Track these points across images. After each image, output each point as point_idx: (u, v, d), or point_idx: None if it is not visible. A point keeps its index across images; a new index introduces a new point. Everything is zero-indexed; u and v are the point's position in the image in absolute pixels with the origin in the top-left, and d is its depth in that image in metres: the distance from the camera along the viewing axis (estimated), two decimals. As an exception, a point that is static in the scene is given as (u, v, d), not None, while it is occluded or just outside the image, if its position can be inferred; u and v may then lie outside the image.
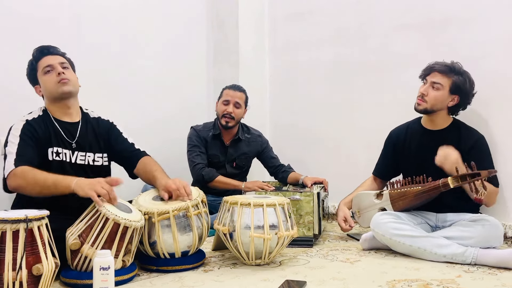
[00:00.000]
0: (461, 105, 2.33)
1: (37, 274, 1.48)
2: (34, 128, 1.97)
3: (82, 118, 2.13)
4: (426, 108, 2.30)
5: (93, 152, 2.11)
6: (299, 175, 2.90)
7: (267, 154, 3.07)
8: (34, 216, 1.50)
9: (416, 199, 2.23)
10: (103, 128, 2.17)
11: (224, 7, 3.55)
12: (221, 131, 2.95)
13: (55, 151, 2.01)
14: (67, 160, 2.03)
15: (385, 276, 1.84)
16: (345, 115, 3.19)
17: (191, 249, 1.96)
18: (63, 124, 2.07)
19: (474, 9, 2.59)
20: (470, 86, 2.30)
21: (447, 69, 2.28)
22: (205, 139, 2.91)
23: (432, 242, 2.07)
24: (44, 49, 2.08)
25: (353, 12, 3.14)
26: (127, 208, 1.85)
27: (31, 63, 2.09)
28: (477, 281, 1.78)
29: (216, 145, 2.94)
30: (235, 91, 2.92)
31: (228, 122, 2.88)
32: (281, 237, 1.96)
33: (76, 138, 2.07)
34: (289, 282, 1.72)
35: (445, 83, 2.27)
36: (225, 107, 2.88)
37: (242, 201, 1.99)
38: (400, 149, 2.47)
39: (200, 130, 2.95)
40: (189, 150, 2.92)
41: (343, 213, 2.52)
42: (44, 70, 2.04)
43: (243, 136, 3.00)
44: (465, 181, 2.05)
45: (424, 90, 2.31)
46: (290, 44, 3.48)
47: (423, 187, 2.20)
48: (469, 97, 2.32)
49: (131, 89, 3.07)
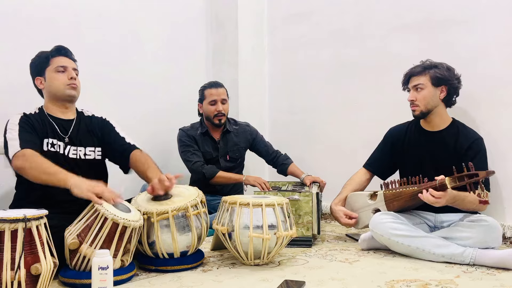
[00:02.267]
0: (453, 92, 2.34)
1: (36, 274, 1.48)
2: (31, 119, 2.05)
3: (76, 116, 2.20)
4: (422, 110, 2.32)
5: (84, 146, 2.16)
6: (300, 171, 2.92)
7: (259, 142, 3.09)
8: (33, 215, 1.50)
9: (412, 199, 2.22)
10: (96, 124, 2.24)
11: (224, 8, 3.55)
12: (208, 128, 2.97)
13: (50, 142, 2.07)
14: (60, 152, 2.08)
15: (384, 276, 1.84)
16: (344, 115, 3.19)
17: (190, 249, 1.96)
18: (58, 120, 2.13)
19: (473, 11, 2.60)
20: (450, 72, 2.31)
21: (421, 69, 2.33)
22: (194, 137, 2.93)
23: (430, 242, 2.07)
24: (62, 49, 2.16)
25: (352, 12, 3.14)
26: (126, 208, 1.85)
27: (45, 56, 2.13)
28: (475, 282, 1.78)
29: (206, 142, 2.96)
30: (218, 89, 2.93)
31: (221, 119, 2.92)
32: (280, 237, 1.96)
33: (69, 134, 2.13)
34: (288, 282, 1.72)
35: (425, 81, 2.30)
36: (214, 107, 2.90)
37: (241, 201, 1.99)
38: (398, 147, 2.47)
39: (188, 130, 2.97)
40: (182, 151, 2.93)
41: (341, 211, 2.49)
42: (58, 69, 2.11)
43: (231, 128, 3.03)
44: (463, 181, 2.05)
45: (411, 96, 2.35)
46: (289, 45, 3.49)
47: (419, 187, 2.19)
48: (454, 82, 2.32)
49: (130, 89, 3.08)
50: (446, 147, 2.30)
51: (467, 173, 2.04)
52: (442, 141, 2.32)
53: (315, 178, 2.81)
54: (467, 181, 2.03)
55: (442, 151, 2.31)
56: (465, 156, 2.22)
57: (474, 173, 2.03)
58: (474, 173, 2.03)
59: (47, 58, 2.13)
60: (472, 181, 2.03)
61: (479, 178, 2.02)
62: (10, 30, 2.51)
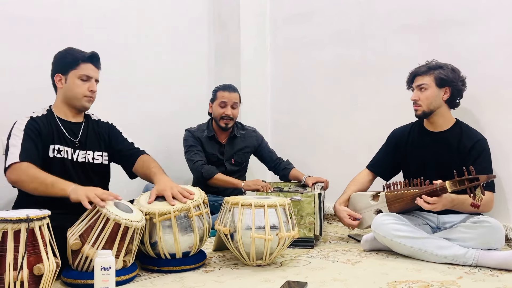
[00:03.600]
0: (456, 94, 2.33)
1: (38, 274, 1.48)
2: (38, 124, 2.01)
3: (84, 120, 2.19)
4: (424, 110, 2.31)
5: (92, 150, 2.15)
6: (301, 174, 2.91)
7: (264, 149, 3.09)
8: (36, 216, 1.50)
9: (413, 202, 2.21)
10: (103, 129, 2.23)
11: (226, 8, 3.55)
12: (215, 132, 2.97)
13: (57, 148, 2.04)
14: (68, 158, 2.07)
15: (386, 277, 1.84)
16: (346, 116, 3.19)
17: (192, 250, 1.96)
18: (67, 123, 2.11)
19: (475, 12, 2.59)
20: (454, 74, 2.30)
21: (426, 69, 2.32)
22: (200, 139, 2.93)
23: (433, 243, 2.07)
24: (94, 58, 2.09)
25: (354, 13, 3.14)
26: (128, 208, 1.86)
27: (75, 58, 2.06)
28: (478, 283, 1.78)
29: (212, 145, 2.96)
30: (230, 93, 2.93)
31: (228, 123, 2.91)
32: (282, 238, 1.96)
33: (79, 137, 2.12)
34: (290, 283, 1.72)
35: (429, 81, 2.30)
36: (223, 110, 2.90)
37: (243, 201, 1.99)
38: (401, 149, 2.46)
39: (195, 131, 2.97)
40: (186, 151, 2.93)
41: (345, 211, 2.49)
42: (82, 76, 2.06)
43: (238, 133, 3.03)
44: (463, 185, 2.03)
45: (414, 96, 2.34)
46: (291, 45, 3.48)
47: (420, 190, 2.18)
48: (458, 84, 2.31)
49: (133, 89, 3.08)
50: (449, 148, 2.30)
51: (467, 177, 2.02)
52: (446, 142, 2.31)
53: (317, 179, 2.80)
54: (468, 185, 2.02)
55: (445, 151, 2.30)
56: (468, 157, 2.22)
57: (475, 177, 2.01)
58: (474, 177, 2.01)
59: (76, 60, 2.05)
60: (473, 185, 2.01)
61: (480, 182, 2.00)
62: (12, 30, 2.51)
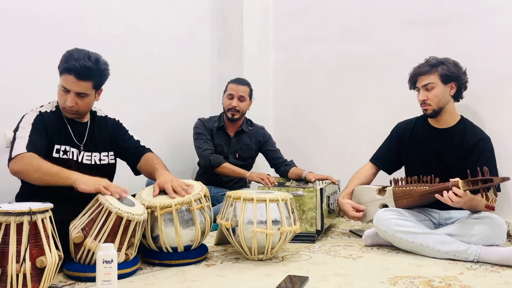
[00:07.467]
0: (461, 87, 2.32)
1: (41, 267, 1.48)
2: (46, 120, 2.01)
3: (90, 118, 2.16)
4: (434, 109, 2.29)
5: (99, 152, 2.15)
6: (301, 170, 2.91)
7: (269, 146, 3.13)
8: (38, 208, 1.50)
9: (422, 199, 2.21)
10: (110, 126, 2.21)
11: (229, 3, 3.55)
12: (225, 123, 3.06)
13: (62, 149, 2.03)
14: (73, 159, 2.06)
15: (387, 272, 1.84)
16: (349, 111, 3.19)
17: (193, 244, 1.97)
18: (73, 124, 2.09)
19: (479, 7, 2.58)
20: (457, 68, 2.29)
21: (428, 67, 2.30)
22: (210, 129, 3.03)
23: (434, 239, 2.07)
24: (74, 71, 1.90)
25: (357, 8, 3.13)
26: (130, 202, 1.86)
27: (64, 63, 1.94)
28: (479, 279, 1.78)
29: (220, 136, 3.05)
30: (238, 85, 3.01)
31: (234, 115, 2.99)
32: (284, 233, 1.96)
33: (85, 140, 2.10)
34: (291, 278, 1.72)
35: (435, 79, 2.28)
36: (230, 101, 2.98)
37: (245, 196, 1.99)
38: (404, 143, 2.46)
39: (206, 121, 3.07)
40: (196, 138, 3.01)
41: (349, 204, 2.48)
42: (62, 87, 1.97)
43: (247, 129, 3.10)
44: (477, 185, 2.01)
45: (422, 96, 2.31)
46: (294, 40, 3.48)
47: (430, 187, 2.16)
48: (463, 77, 2.30)
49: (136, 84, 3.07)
50: (453, 144, 2.29)
51: (481, 178, 2.00)
52: (449, 138, 2.30)
53: (320, 176, 2.79)
54: (481, 185, 1.99)
55: (449, 148, 2.30)
56: (471, 154, 2.21)
57: (489, 178, 1.99)
58: (488, 178, 1.99)
59: (61, 68, 1.95)
60: (486, 186, 1.99)
61: (494, 184, 1.99)
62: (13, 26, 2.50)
